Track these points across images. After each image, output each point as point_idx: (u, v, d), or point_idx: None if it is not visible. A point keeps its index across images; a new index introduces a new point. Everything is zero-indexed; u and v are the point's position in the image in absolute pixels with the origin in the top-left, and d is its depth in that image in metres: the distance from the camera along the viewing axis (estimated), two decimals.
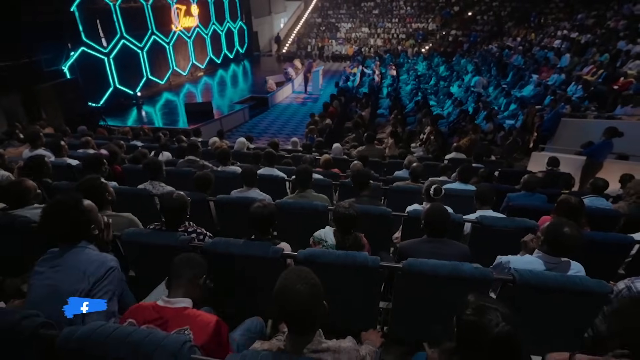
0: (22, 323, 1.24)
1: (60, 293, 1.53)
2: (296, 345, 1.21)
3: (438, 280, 1.93)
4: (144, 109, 13.75)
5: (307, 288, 1.17)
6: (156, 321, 1.41)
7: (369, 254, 2.05)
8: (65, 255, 1.64)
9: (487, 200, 3.12)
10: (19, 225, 2.33)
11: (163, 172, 3.63)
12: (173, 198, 2.38)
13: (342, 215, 2.20)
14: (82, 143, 5.99)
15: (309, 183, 3.28)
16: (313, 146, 6.94)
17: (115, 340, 1.17)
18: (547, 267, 1.94)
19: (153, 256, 2.27)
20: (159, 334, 1.20)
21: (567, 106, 9.86)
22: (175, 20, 16.14)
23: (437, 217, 2.19)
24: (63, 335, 1.21)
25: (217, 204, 3.29)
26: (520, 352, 1.04)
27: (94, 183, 2.40)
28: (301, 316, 1.18)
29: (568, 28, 17.76)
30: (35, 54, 10.31)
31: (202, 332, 1.39)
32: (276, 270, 2.12)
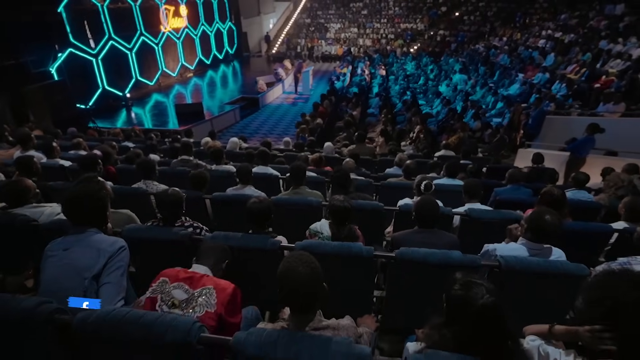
0: (37, 310, 1.30)
1: (76, 269, 1.65)
2: (299, 324, 1.30)
3: (429, 268, 2.03)
4: (133, 111, 13.66)
5: (308, 270, 1.27)
6: (186, 280, 1.58)
7: (363, 245, 2.15)
8: (78, 238, 1.75)
9: (475, 194, 3.24)
10: (19, 224, 2.37)
11: (156, 171, 3.69)
12: (169, 194, 2.45)
13: (337, 208, 2.29)
14: (74, 144, 5.98)
15: (303, 180, 3.37)
16: (305, 145, 7.03)
17: (129, 322, 1.25)
18: (530, 253, 2.06)
19: (153, 251, 2.33)
20: (169, 316, 1.28)
21: (552, 104, 10.14)
22: (164, 21, 16.06)
23: (428, 209, 2.30)
24: (78, 319, 1.28)
25: (213, 202, 3.36)
26: (503, 322, 1.14)
27: (92, 181, 2.45)
28: (303, 295, 1.27)
29: (552, 28, 18.18)
30: (22, 55, 10.20)
31: (222, 292, 1.56)
32: (274, 261, 2.22)
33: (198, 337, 1.22)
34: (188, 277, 1.59)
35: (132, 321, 1.25)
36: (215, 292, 1.54)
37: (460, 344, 1.16)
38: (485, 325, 1.14)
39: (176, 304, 1.47)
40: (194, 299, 1.49)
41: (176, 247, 2.21)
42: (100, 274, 1.69)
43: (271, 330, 1.21)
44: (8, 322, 1.32)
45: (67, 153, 5.49)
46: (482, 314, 1.13)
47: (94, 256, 1.70)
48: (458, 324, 1.18)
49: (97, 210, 1.86)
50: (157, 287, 1.57)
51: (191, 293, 1.51)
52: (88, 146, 6.00)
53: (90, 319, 1.27)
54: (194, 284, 1.56)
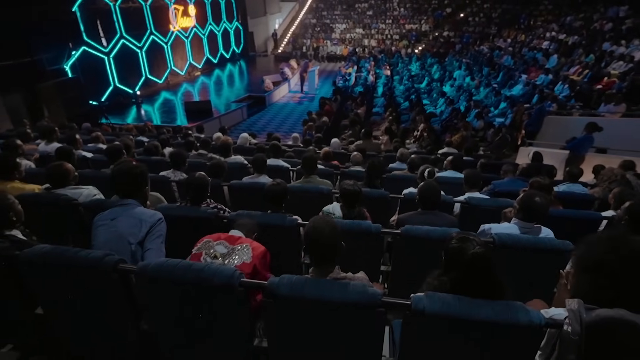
0: (104, 260, 1.57)
1: (123, 235, 1.92)
2: (320, 275, 1.56)
3: (430, 243, 2.27)
4: (143, 108, 13.97)
5: (330, 228, 1.53)
6: (226, 238, 1.90)
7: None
8: (123, 210, 2.02)
9: (475, 184, 3.49)
10: (62, 203, 2.64)
11: (186, 163, 3.98)
12: (196, 177, 2.71)
13: (348, 191, 2.54)
14: (92, 138, 6.29)
15: (314, 169, 3.62)
16: (312, 142, 7.28)
17: (182, 269, 1.51)
18: (521, 231, 2.30)
19: (183, 228, 2.58)
20: (214, 265, 1.54)
21: (554, 104, 10.33)
22: (173, 20, 16.39)
23: (430, 192, 2.55)
24: (139, 267, 1.55)
25: (231, 189, 3.62)
26: (491, 269, 1.39)
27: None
28: (324, 246, 1.53)
29: (556, 30, 18.34)
30: (37, 53, 10.52)
31: (257, 249, 1.86)
32: (292, 236, 2.48)
33: (239, 281, 1.49)
34: (228, 237, 1.89)
35: (184, 268, 1.52)
36: (251, 248, 1.83)
37: (455, 287, 1.41)
38: (476, 270, 1.38)
39: (217, 256, 1.74)
40: (233, 252, 1.78)
41: (204, 224, 2.46)
42: (143, 241, 1.96)
43: (299, 277, 1.47)
44: (81, 269, 1.59)
45: (86, 146, 5.78)
46: (474, 261, 1.38)
47: (137, 225, 1.97)
48: (454, 270, 1.43)
49: (138, 185, 2.13)
50: (202, 245, 1.86)
51: (230, 248, 1.80)
52: (105, 140, 6.30)
53: (150, 267, 1.53)
54: (233, 242, 1.86)
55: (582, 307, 1.27)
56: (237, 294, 1.49)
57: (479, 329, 1.37)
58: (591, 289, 1.32)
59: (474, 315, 1.35)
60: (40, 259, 1.65)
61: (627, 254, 1.26)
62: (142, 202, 2.15)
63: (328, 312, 1.45)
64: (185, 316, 1.63)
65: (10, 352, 2.21)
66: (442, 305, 1.37)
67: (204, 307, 1.58)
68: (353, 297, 1.41)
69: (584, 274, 1.35)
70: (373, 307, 1.41)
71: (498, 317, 1.34)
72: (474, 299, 1.38)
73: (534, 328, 1.33)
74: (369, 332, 1.49)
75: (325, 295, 1.41)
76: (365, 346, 1.53)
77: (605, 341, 1.23)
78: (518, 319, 1.34)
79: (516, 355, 1.41)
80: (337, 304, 1.41)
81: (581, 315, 1.25)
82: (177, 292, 1.57)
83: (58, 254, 1.64)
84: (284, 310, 1.49)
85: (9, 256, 1.70)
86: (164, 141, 6.64)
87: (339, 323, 1.48)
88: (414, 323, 1.43)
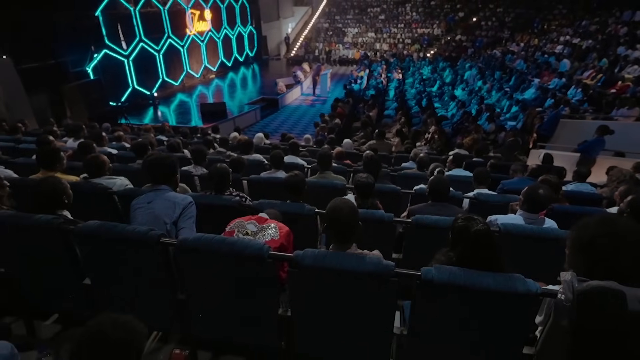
0: (148, 234, 1.78)
1: (159, 216, 2.15)
2: (339, 251, 1.74)
3: (439, 231, 2.44)
4: (159, 109, 14.39)
5: (349, 208, 1.72)
6: (256, 219, 2.11)
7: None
8: (157, 194, 2.25)
9: (483, 181, 3.64)
10: (99, 191, 2.88)
11: (206, 158, 4.22)
12: (218, 167, 2.93)
13: (362, 183, 2.73)
14: (115, 137, 6.60)
15: (329, 165, 3.81)
16: (325, 142, 7.48)
17: (217, 242, 1.71)
18: (526, 222, 2.45)
19: (207, 215, 2.79)
20: (246, 239, 1.74)
21: (566, 108, 10.34)
22: (190, 24, 16.83)
23: (440, 185, 2.72)
24: (179, 241, 1.77)
25: (250, 183, 3.83)
26: (492, 244, 1.56)
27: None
28: (343, 224, 1.71)
29: (570, 34, 18.25)
30: (62, 56, 10.99)
31: (283, 229, 2.07)
32: (310, 224, 2.67)
33: (268, 253, 1.68)
34: (257, 218, 2.11)
35: (219, 241, 1.72)
36: (278, 228, 2.05)
37: (461, 261, 1.58)
38: (479, 245, 1.55)
39: (249, 234, 1.95)
40: (262, 230, 1.98)
41: (228, 211, 2.67)
42: (177, 221, 2.18)
43: (321, 250, 1.65)
44: (127, 243, 1.81)
45: (110, 144, 6.08)
46: (477, 237, 1.55)
47: (171, 207, 2.20)
48: (459, 246, 1.60)
49: (170, 173, 2.36)
50: (234, 225, 2.09)
51: (260, 227, 2.02)
52: (127, 139, 6.61)
53: (189, 240, 1.75)
54: (261, 222, 2.08)
55: (575, 278, 1.43)
56: (266, 265, 1.69)
57: (481, 297, 1.54)
58: (584, 267, 1.48)
59: (478, 284, 1.51)
60: (92, 233, 1.88)
61: (616, 235, 1.41)
62: (173, 188, 2.38)
63: (346, 281, 1.64)
64: (219, 285, 1.83)
65: (55, 323, 2.44)
66: (449, 276, 1.54)
67: (236, 277, 1.78)
68: (369, 268, 1.59)
69: (578, 253, 1.51)
70: (387, 277, 1.59)
71: (499, 286, 1.51)
72: (478, 271, 1.55)
73: (530, 296, 1.49)
74: (383, 300, 1.66)
75: (345, 265, 1.59)
76: (379, 313, 1.71)
77: (594, 307, 1.38)
78: (517, 288, 1.50)
79: (515, 321, 1.57)
80: (355, 274, 1.60)
81: (573, 285, 1.41)
82: (212, 263, 1.78)
83: (108, 229, 1.86)
84: (308, 279, 1.68)
85: (65, 230, 1.92)
86: (183, 141, 6.94)
87: (356, 291, 1.67)
88: (423, 292, 1.60)
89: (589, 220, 1.51)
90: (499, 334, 1.63)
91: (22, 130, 7.00)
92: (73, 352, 1.01)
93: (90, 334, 1.02)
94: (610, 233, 1.42)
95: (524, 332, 1.61)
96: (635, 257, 1.42)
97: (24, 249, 2.07)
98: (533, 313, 1.57)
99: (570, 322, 1.42)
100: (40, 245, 2.02)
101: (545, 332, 1.55)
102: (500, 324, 1.60)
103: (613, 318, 1.39)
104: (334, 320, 1.78)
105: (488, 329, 1.63)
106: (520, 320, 1.57)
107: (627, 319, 1.38)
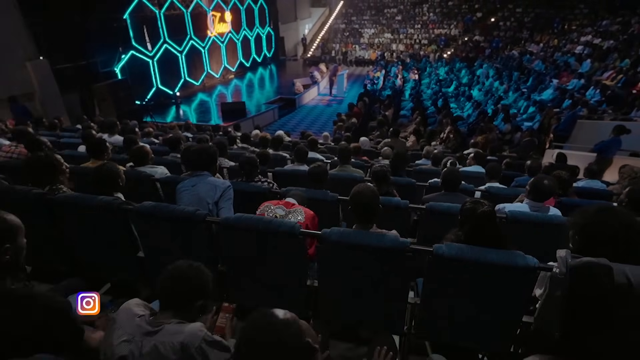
0: (196, 213, 2.08)
1: (202, 198, 2.47)
2: (362, 229, 2.00)
3: (450, 217, 2.66)
4: (181, 108, 14.90)
5: (370, 192, 1.98)
6: (284, 204, 2.37)
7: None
8: (199, 179, 2.57)
9: (495, 175, 3.83)
10: (143, 178, 3.22)
11: (227, 150, 4.53)
12: (247, 156, 3.24)
13: (378, 171, 2.99)
14: (144, 133, 7.00)
15: (348, 159, 4.07)
16: (342, 140, 7.73)
17: (254, 221, 2.01)
18: (531, 209, 2.65)
19: (240, 200, 3.09)
20: (278, 219, 2.03)
21: (584, 109, 10.31)
22: (211, 26, 17.32)
23: (452, 176, 2.95)
24: (223, 220, 2.07)
25: (275, 175, 4.12)
26: (495, 224, 1.78)
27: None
28: (365, 205, 1.97)
29: (592, 34, 17.97)
30: (92, 57, 11.57)
31: (308, 213, 2.33)
32: (333, 209, 2.93)
33: (299, 231, 1.95)
34: (285, 203, 2.38)
35: (256, 220, 2.01)
36: (303, 212, 2.31)
37: (468, 239, 1.81)
38: (485, 225, 1.79)
39: (277, 216, 2.23)
40: (289, 214, 2.27)
41: (258, 196, 2.96)
42: (218, 202, 2.48)
43: (346, 228, 1.92)
44: (177, 221, 2.12)
45: (142, 139, 6.47)
46: (482, 217, 1.78)
47: (213, 190, 2.51)
48: (466, 225, 1.84)
49: (211, 161, 2.69)
50: (264, 208, 2.35)
51: (287, 211, 2.28)
52: (155, 135, 7.01)
53: (231, 219, 2.04)
54: (289, 207, 2.35)
55: (569, 255, 1.65)
56: (298, 241, 1.96)
57: (486, 269, 1.77)
58: (580, 246, 1.70)
59: (482, 259, 1.75)
60: (147, 212, 2.19)
61: (607, 221, 1.63)
62: (213, 174, 2.68)
63: (368, 255, 1.89)
64: (256, 259, 2.11)
65: (106, 293, 2.77)
66: (457, 251, 1.78)
67: (271, 251, 2.06)
68: (388, 244, 1.84)
69: (575, 234, 1.73)
70: (403, 252, 1.84)
71: (501, 260, 1.74)
72: (483, 247, 1.78)
73: (529, 269, 1.72)
74: (399, 272, 1.91)
75: (367, 241, 1.85)
76: (395, 284, 1.95)
77: (584, 279, 1.60)
78: (517, 262, 1.73)
79: (516, 291, 1.80)
80: (376, 248, 1.85)
81: (567, 260, 1.63)
82: (250, 239, 2.06)
83: (161, 208, 2.17)
84: (334, 254, 1.94)
85: (124, 209, 2.24)
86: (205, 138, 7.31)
87: (376, 265, 1.92)
88: (435, 266, 1.85)
89: (588, 207, 1.74)
90: (502, 303, 1.86)
91: (59, 126, 7.49)
92: (161, 283, 1.31)
93: (172, 272, 1.32)
94: (603, 219, 1.64)
95: (524, 302, 1.84)
96: (623, 239, 1.63)
97: (88, 226, 2.40)
98: (532, 284, 1.79)
99: (563, 293, 1.64)
100: (101, 222, 2.34)
101: (542, 301, 1.77)
102: (502, 295, 1.83)
103: (600, 289, 1.60)
104: (356, 290, 2.04)
105: (492, 299, 1.86)
106: (521, 291, 1.80)
107: (613, 290, 1.59)
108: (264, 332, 0.92)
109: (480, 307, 1.89)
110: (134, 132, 5.75)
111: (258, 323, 0.95)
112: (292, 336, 0.92)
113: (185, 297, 1.33)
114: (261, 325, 0.94)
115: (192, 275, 1.33)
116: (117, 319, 1.30)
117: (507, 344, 1.96)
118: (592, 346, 1.65)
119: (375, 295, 2.02)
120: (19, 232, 1.34)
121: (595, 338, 1.65)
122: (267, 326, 0.93)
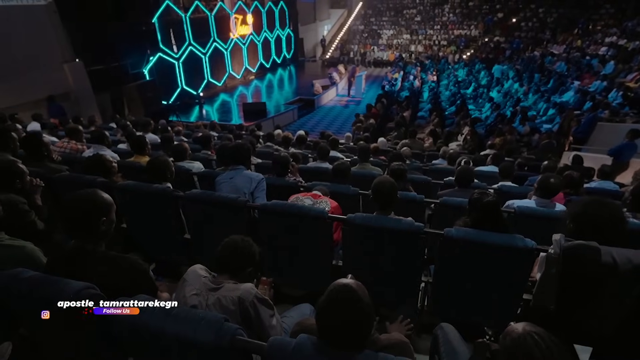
0: (237, 200, 2.42)
1: (240, 189, 2.81)
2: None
3: (462, 211, 2.91)
4: (204, 108, 15.46)
5: (390, 182, 2.27)
6: (312, 195, 2.68)
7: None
8: (236, 172, 2.92)
9: (508, 175, 4.04)
10: (183, 172, 3.59)
11: (255, 149, 4.89)
12: (280, 155, 3.55)
13: (395, 168, 3.26)
14: (175, 132, 7.44)
15: (368, 157, 4.36)
16: (361, 140, 8.01)
17: (288, 206, 2.33)
18: (538, 206, 2.88)
19: (271, 193, 3.42)
20: (307, 206, 2.35)
21: (606, 111, 10.24)
22: (233, 28, 17.86)
23: (465, 173, 3.20)
24: (261, 205, 2.40)
25: (300, 171, 4.43)
26: (499, 212, 2.04)
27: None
28: (385, 194, 2.26)
29: (617, 35, 17.63)
30: (123, 59, 12.21)
31: (333, 204, 2.64)
32: (354, 202, 3.22)
33: (327, 216, 2.26)
34: (312, 194, 2.69)
35: (289, 206, 2.34)
36: (329, 202, 2.61)
37: (474, 224, 2.08)
38: (490, 213, 2.05)
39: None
40: (316, 204, 2.58)
41: (288, 189, 3.28)
42: (253, 192, 2.82)
43: (368, 214, 2.22)
44: (221, 207, 2.46)
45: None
46: (488, 206, 2.05)
47: (249, 181, 2.85)
48: (473, 212, 2.11)
49: (246, 156, 3.04)
50: (294, 199, 2.67)
51: (315, 201, 2.60)
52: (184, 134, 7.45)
53: (269, 204, 2.37)
54: (316, 198, 2.66)
55: (563, 238, 1.90)
56: (326, 224, 2.27)
57: (489, 250, 2.03)
58: (574, 231, 1.94)
59: (486, 240, 2.01)
60: (195, 198, 2.54)
61: (596, 212, 1.88)
62: (247, 168, 3.02)
63: (387, 236, 2.18)
64: (289, 239, 2.43)
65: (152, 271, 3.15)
66: (465, 234, 2.05)
67: (302, 234, 2.37)
68: (405, 227, 2.13)
69: (570, 223, 1.97)
70: (418, 234, 2.13)
71: (503, 242, 2.00)
72: (487, 231, 2.04)
73: (527, 250, 1.98)
74: (413, 252, 2.20)
75: (386, 224, 2.14)
76: (410, 263, 2.24)
77: (575, 258, 1.85)
78: (517, 244, 1.99)
79: (517, 270, 2.06)
80: (393, 231, 2.14)
81: (561, 243, 1.88)
82: (285, 223, 2.38)
83: (208, 195, 2.52)
84: (358, 235, 2.24)
85: (175, 197, 2.60)
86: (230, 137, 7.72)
87: (394, 245, 2.21)
88: (445, 247, 2.12)
89: (582, 199, 1.98)
90: (504, 281, 2.12)
91: (96, 125, 8.04)
92: (220, 252, 1.64)
93: (229, 243, 1.65)
94: (593, 209, 1.89)
95: (524, 280, 2.09)
96: (610, 227, 1.87)
97: (142, 211, 2.77)
98: (530, 265, 2.04)
99: (558, 271, 1.90)
100: (154, 208, 2.71)
101: (539, 280, 2.02)
102: (504, 273, 2.09)
103: (589, 267, 1.85)
104: (376, 269, 2.33)
105: (495, 278, 2.13)
106: (521, 270, 2.05)
107: (600, 268, 1.84)
108: (343, 291, 1.24)
109: (486, 285, 2.15)
110: (167, 131, 6.17)
111: (338, 285, 1.26)
112: (366, 296, 1.26)
113: (238, 263, 1.65)
114: (340, 287, 1.25)
115: (244, 246, 1.65)
116: (187, 279, 1.64)
117: (510, 319, 2.21)
118: (578, 318, 1.90)
119: (393, 274, 2.31)
120: (111, 208, 1.68)
121: (581, 310, 1.89)
122: (345, 286, 1.25)
